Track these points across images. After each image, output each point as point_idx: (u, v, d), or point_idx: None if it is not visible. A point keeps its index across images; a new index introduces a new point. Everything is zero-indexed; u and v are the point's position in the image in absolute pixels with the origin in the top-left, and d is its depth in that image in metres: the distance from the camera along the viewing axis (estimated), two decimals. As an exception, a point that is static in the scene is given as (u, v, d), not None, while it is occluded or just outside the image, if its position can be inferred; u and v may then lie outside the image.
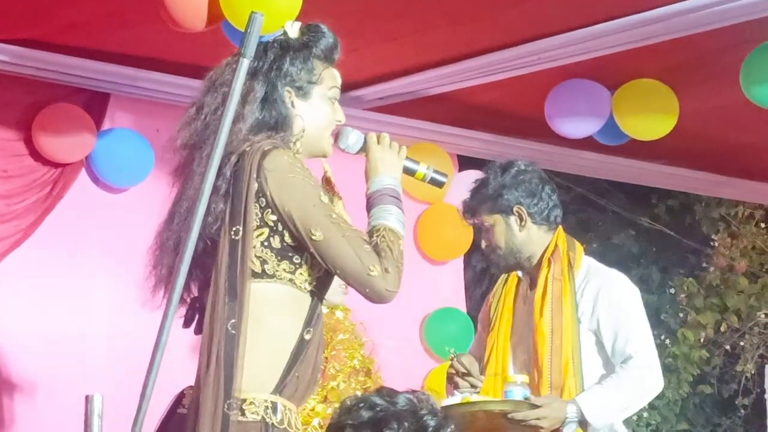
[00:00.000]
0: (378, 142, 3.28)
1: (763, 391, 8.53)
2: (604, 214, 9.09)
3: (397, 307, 5.58)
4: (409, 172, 3.25)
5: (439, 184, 3.31)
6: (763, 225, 8.55)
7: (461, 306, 6.13)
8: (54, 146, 4.93)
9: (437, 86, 5.31)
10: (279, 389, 2.95)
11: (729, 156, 6.52)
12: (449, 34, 4.85)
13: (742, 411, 8.69)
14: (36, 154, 4.96)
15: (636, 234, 8.94)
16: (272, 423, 2.92)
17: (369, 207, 3.13)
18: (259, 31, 2.62)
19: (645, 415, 8.58)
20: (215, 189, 2.96)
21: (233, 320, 2.92)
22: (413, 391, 2.49)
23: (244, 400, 2.91)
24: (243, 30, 2.89)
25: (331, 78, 3.29)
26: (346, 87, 5.28)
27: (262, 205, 2.99)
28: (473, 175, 6.14)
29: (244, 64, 2.52)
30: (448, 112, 5.75)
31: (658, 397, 8.53)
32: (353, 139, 3.30)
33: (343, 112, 5.30)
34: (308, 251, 2.98)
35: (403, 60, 5.12)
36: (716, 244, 8.60)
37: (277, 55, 3.12)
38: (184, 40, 4.20)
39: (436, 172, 3.28)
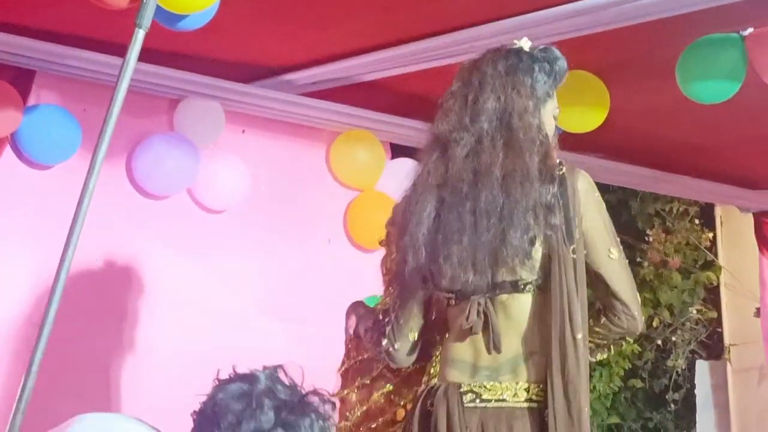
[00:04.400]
0: None
1: (694, 386, 8.59)
2: (541, 207, 9.09)
3: (327, 295, 5.58)
4: None
5: None
6: (697, 221, 8.57)
7: (390, 294, 6.10)
8: (-22, 122, 4.86)
9: (370, 72, 5.26)
10: None
11: (663, 152, 6.55)
12: (382, 21, 4.81)
13: (673, 405, 8.71)
14: (-40, 130, 4.89)
15: (572, 228, 8.96)
16: None
17: None
18: (155, 2, 2.58)
19: (577, 408, 8.62)
20: (547, 206, 3.24)
21: (580, 334, 3.24)
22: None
23: None
24: (162, 6, 2.86)
25: (557, 99, 3.57)
26: (277, 71, 5.29)
27: (577, 223, 3.29)
28: (405, 163, 6.15)
29: (140, 35, 2.47)
30: (381, 100, 5.73)
31: (590, 390, 8.63)
32: None
33: (273, 96, 5.30)
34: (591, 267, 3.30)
35: (335, 45, 5.07)
36: (651, 239, 8.61)
37: (529, 60, 3.46)
38: (110, 18, 4.14)
39: None
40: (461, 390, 3.33)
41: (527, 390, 3.31)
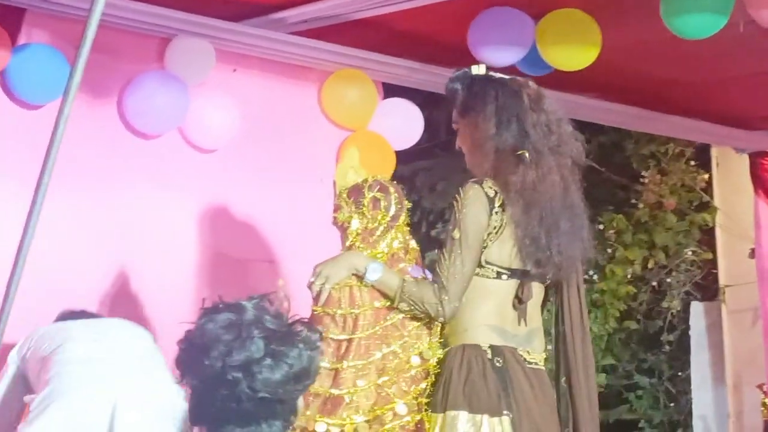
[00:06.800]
0: None
1: (688, 328, 8.62)
2: (536, 148, 9.04)
3: (319, 235, 5.59)
4: None
5: None
6: (693, 163, 8.57)
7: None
8: (-34, 61, 4.85)
9: (362, 10, 5.23)
10: None
11: (657, 91, 6.53)
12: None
13: (667, 347, 8.75)
14: (-53, 69, 4.87)
15: (567, 169, 8.92)
16: None
17: None
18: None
19: (572, 349, 8.63)
20: None
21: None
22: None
23: None
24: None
25: None
26: (267, 9, 5.27)
27: None
28: (397, 103, 6.14)
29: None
30: (373, 39, 5.70)
31: (585, 332, 8.66)
32: None
33: (264, 35, 5.26)
34: None
35: (326, -18, 5.06)
36: (646, 180, 8.61)
37: None
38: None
39: None
40: (517, 352, 3.97)
41: (538, 355, 4.04)
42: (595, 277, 8.66)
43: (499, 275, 3.94)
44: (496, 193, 3.91)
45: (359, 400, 3.80)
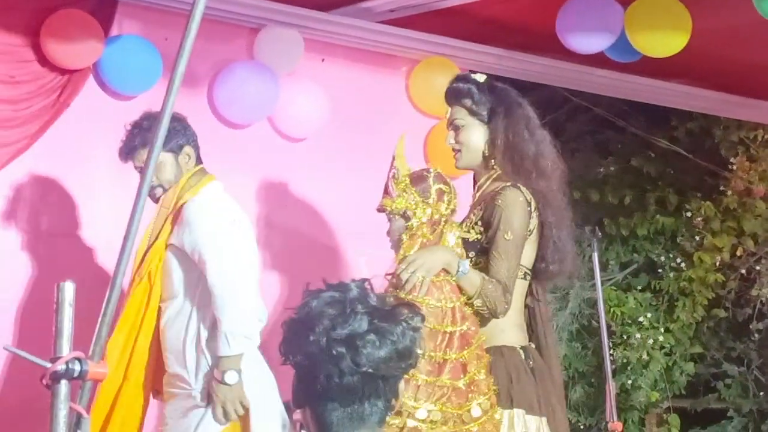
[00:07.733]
0: None
1: (779, 316, 8.52)
2: (623, 135, 9.01)
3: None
4: None
5: None
6: (783, 149, 8.47)
7: (470, 221, 6.11)
8: (62, 52, 4.91)
9: (448, -2, 5.27)
10: None
11: (746, 76, 6.46)
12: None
13: (756, 335, 8.65)
14: (43, 60, 4.94)
15: (654, 156, 8.87)
16: None
17: None
18: None
19: (660, 338, 8.57)
20: None
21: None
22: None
23: None
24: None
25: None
26: (355, -2, 5.29)
27: None
28: (485, 90, 6.13)
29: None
30: (460, 26, 5.71)
31: (672, 320, 8.58)
32: None
33: (352, 24, 5.32)
34: None
35: (414, -29, 5.08)
36: (734, 167, 8.51)
37: None
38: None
39: None
40: (534, 349, 4.16)
41: None
42: (683, 264, 8.58)
43: (525, 276, 4.09)
44: (531, 197, 4.02)
45: (457, 392, 3.82)
